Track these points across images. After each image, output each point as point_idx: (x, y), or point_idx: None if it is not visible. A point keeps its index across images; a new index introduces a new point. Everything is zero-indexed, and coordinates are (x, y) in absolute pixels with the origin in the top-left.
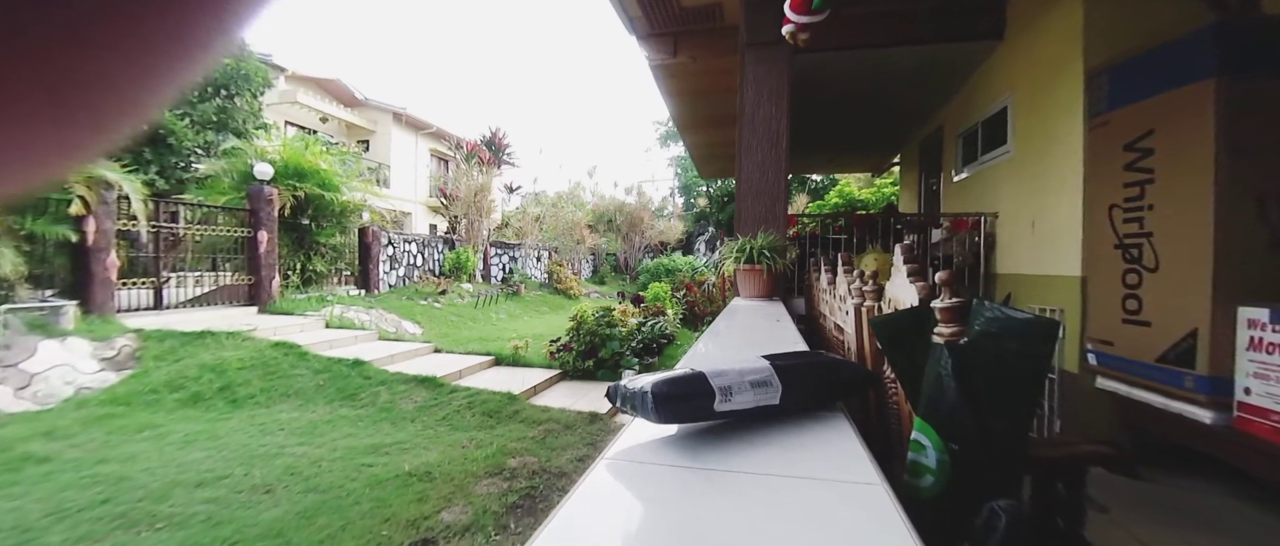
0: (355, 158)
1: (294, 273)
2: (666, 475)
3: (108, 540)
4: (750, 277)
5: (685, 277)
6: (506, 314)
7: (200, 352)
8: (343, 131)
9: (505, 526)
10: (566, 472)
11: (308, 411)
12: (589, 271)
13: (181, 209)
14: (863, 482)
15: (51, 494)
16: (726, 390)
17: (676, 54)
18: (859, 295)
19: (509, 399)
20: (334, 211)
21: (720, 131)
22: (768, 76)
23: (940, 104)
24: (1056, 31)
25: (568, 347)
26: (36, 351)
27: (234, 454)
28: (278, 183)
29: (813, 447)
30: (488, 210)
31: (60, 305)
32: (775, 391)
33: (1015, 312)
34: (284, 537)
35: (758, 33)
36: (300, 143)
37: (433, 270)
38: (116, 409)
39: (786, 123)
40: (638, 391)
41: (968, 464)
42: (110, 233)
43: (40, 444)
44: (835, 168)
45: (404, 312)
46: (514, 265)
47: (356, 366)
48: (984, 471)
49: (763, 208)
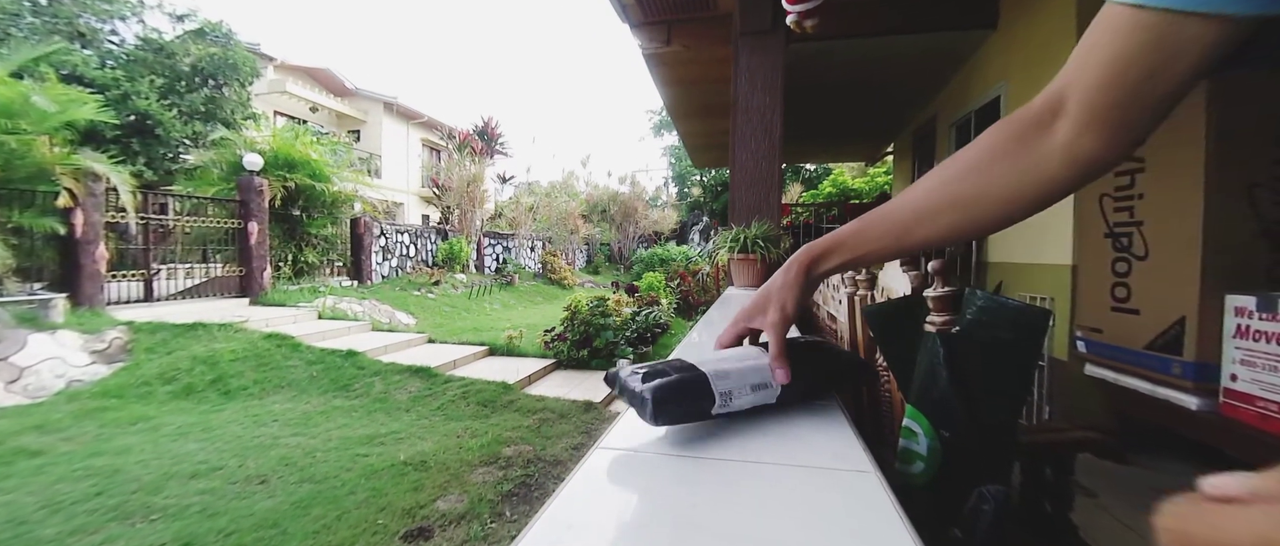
0: (346, 148)
1: (285, 264)
2: (661, 463)
3: (102, 532)
4: (744, 267)
5: (679, 267)
6: (500, 304)
7: (192, 345)
8: (333, 121)
9: (501, 514)
10: (561, 461)
11: (302, 402)
12: (583, 261)
13: (171, 200)
14: (855, 470)
15: (45, 487)
16: (727, 395)
17: (670, 42)
18: (852, 284)
19: (504, 388)
20: (325, 202)
21: (714, 121)
22: (761, 65)
23: (933, 93)
24: (1049, 20)
25: (562, 337)
26: (26, 345)
27: (228, 445)
28: (268, 173)
29: (806, 436)
30: (481, 200)
31: (49, 298)
32: (774, 392)
33: (1007, 301)
34: (280, 528)
35: (751, 21)
36: (290, 133)
37: (426, 261)
38: (108, 401)
39: (780, 112)
40: (637, 393)
41: (958, 450)
42: (99, 225)
43: (32, 437)
44: (829, 157)
45: (397, 303)
46: (508, 255)
47: (350, 357)
48: (974, 457)
49: (756, 197)
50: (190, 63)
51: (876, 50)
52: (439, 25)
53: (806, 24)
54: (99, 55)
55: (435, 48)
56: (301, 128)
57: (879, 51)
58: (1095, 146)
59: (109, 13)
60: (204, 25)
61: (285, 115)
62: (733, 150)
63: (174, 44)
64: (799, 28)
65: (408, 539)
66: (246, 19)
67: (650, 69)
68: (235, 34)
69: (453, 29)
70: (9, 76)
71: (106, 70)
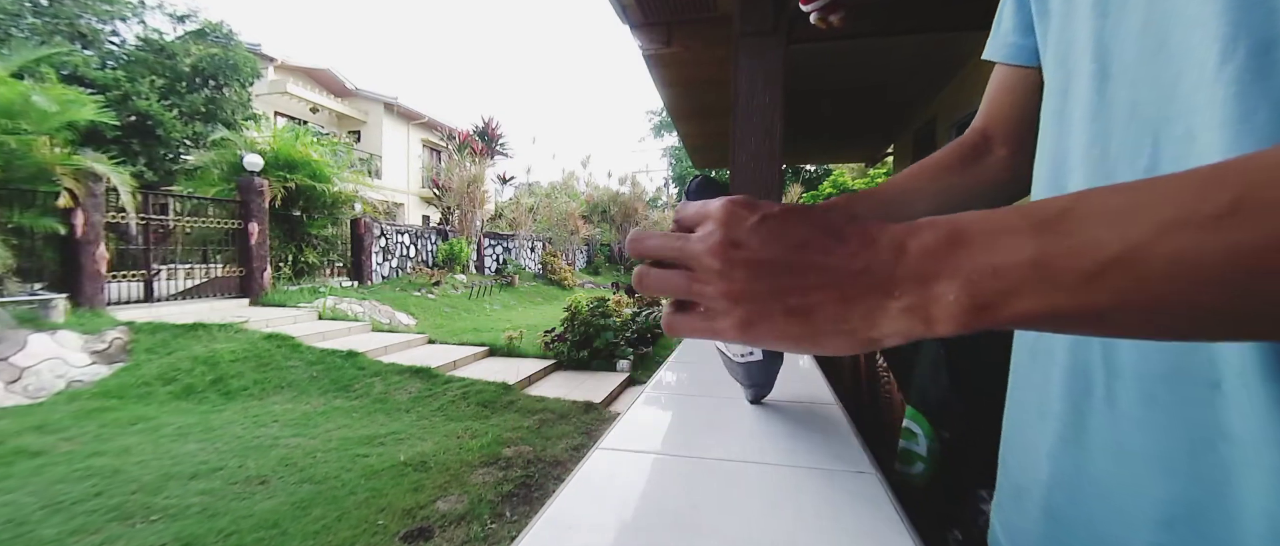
0: (346, 148)
1: (286, 264)
2: (661, 464)
3: (102, 532)
4: None
5: None
6: (501, 304)
7: (192, 345)
8: (333, 122)
9: (501, 515)
10: (561, 461)
11: (302, 403)
12: (583, 262)
13: (171, 201)
14: (855, 470)
15: (45, 487)
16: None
17: (670, 44)
18: None
19: (504, 389)
20: (325, 202)
21: (714, 122)
22: (761, 67)
23: (933, 95)
24: None
25: (562, 338)
26: (26, 345)
27: (228, 446)
28: (268, 174)
29: (805, 436)
30: (481, 201)
31: (50, 298)
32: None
33: None
34: (280, 528)
35: (751, 22)
36: (290, 133)
37: (426, 261)
38: (109, 402)
39: (780, 113)
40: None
41: (958, 451)
42: (99, 225)
43: (32, 437)
44: (829, 158)
45: (397, 304)
46: (508, 256)
47: (350, 357)
48: (974, 457)
49: (757, 198)
50: (191, 63)
51: (877, 51)
52: (439, 25)
53: (832, 18)
54: (100, 56)
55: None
56: (302, 128)
57: (879, 52)
58: (1027, 165)
59: (110, 13)
60: (205, 26)
61: (286, 116)
62: (733, 151)
63: (175, 44)
64: (824, 24)
65: (408, 539)
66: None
67: (650, 70)
68: (236, 34)
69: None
70: (10, 76)
71: (107, 71)
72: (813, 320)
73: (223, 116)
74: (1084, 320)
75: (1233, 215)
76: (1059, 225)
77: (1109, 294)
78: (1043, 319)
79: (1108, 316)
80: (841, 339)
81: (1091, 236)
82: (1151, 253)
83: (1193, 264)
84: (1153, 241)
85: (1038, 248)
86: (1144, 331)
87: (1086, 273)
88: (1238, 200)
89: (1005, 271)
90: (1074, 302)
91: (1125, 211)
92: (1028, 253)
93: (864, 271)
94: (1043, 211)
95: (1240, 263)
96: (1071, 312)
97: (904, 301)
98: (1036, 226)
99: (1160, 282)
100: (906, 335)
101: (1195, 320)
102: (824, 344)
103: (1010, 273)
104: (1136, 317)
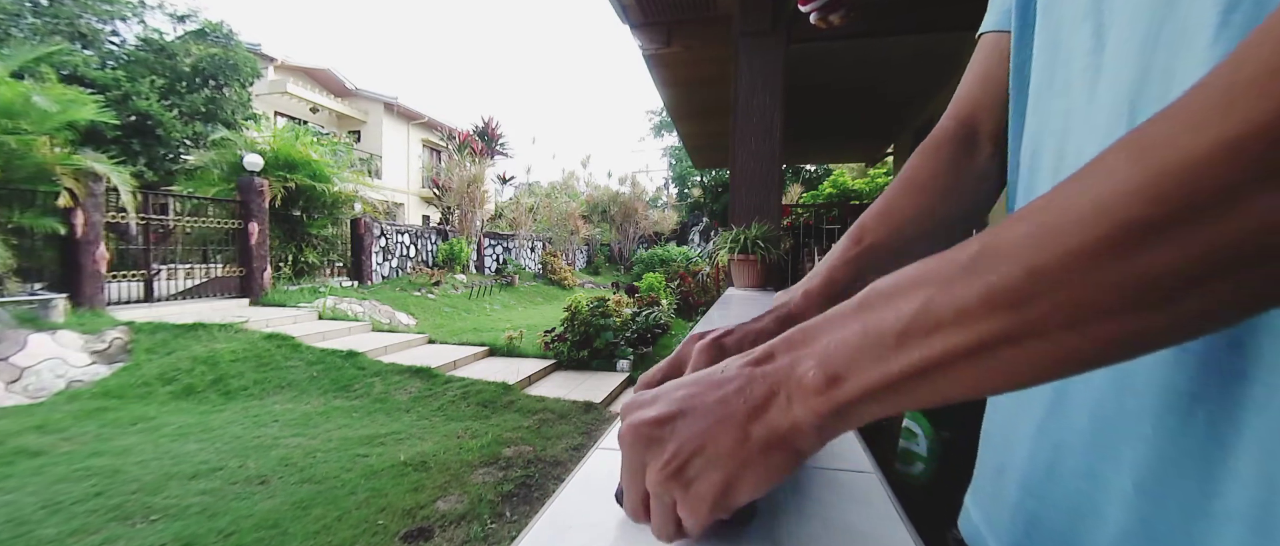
0: (346, 148)
1: (286, 264)
2: None
3: (102, 532)
4: (744, 268)
5: (679, 268)
6: (501, 304)
7: (192, 345)
8: (334, 122)
9: (501, 514)
10: (561, 461)
11: (302, 403)
12: (583, 262)
13: (171, 201)
14: (855, 470)
15: (45, 487)
16: None
17: (670, 43)
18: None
19: (504, 389)
20: (325, 202)
21: (714, 121)
22: (761, 66)
23: (933, 94)
24: None
25: (562, 338)
26: (26, 345)
27: (228, 445)
28: (268, 174)
29: None
30: (481, 201)
31: (50, 298)
32: None
33: None
34: (280, 528)
35: (751, 22)
36: (290, 133)
37: (426, 261)
38: (109, 402)
39: (780, 113)
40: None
41: (958, 451)
42: (99, 225)
43: (32, 437)
44: (829, 158)
45: (397, 304)
46: (508, 256)
47: (350, 357)
48: (974, 458)
49: (757, 198)
50: (191, 63)
51: (876, 51)
52: (439, 25)
53: (832, 18)
54: (100, 56)
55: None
56: (302, 128)
57: (879, 52)
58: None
59: (110, 13)
60: (205, 26)
61: (286, 115)
62: (733, 151)
63: (175, 44)
64: (824, 24)
65: (408, 539)
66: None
67: (650, 70)
68: (236, 34)
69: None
70: (10, 76)
71: (107, 71)
72: (730, 460)
73: (223, 116)
74: (915, 386)
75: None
76: (873, 302)
77: (911, 362)
78: (884, 388)
79: (929, 379)
80: (773, 454)
81: (891, 309)
82: (924, 325)
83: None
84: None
85: (861, 322)
86: (960, 391)
87: (891, 341)
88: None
89: (844, 343)
90: (894, 370)
91: (914, 285)
92: (854, 328)
93: (742, 389)
94: (875, 290)
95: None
96: (895, 379)
97: (784, 392)
98: (859, 305)
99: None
100: (807, 425)
101: (964, 384)
102: (759, 471)
103: (846, 346)
104: (950, 383)
